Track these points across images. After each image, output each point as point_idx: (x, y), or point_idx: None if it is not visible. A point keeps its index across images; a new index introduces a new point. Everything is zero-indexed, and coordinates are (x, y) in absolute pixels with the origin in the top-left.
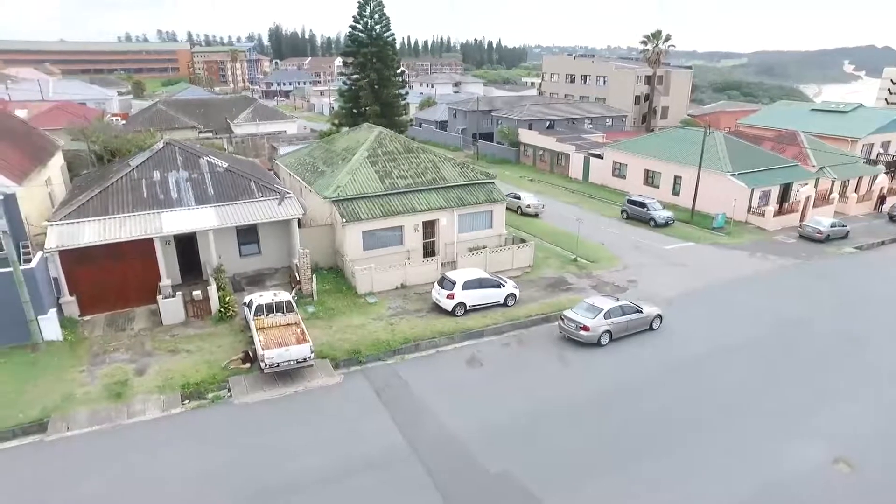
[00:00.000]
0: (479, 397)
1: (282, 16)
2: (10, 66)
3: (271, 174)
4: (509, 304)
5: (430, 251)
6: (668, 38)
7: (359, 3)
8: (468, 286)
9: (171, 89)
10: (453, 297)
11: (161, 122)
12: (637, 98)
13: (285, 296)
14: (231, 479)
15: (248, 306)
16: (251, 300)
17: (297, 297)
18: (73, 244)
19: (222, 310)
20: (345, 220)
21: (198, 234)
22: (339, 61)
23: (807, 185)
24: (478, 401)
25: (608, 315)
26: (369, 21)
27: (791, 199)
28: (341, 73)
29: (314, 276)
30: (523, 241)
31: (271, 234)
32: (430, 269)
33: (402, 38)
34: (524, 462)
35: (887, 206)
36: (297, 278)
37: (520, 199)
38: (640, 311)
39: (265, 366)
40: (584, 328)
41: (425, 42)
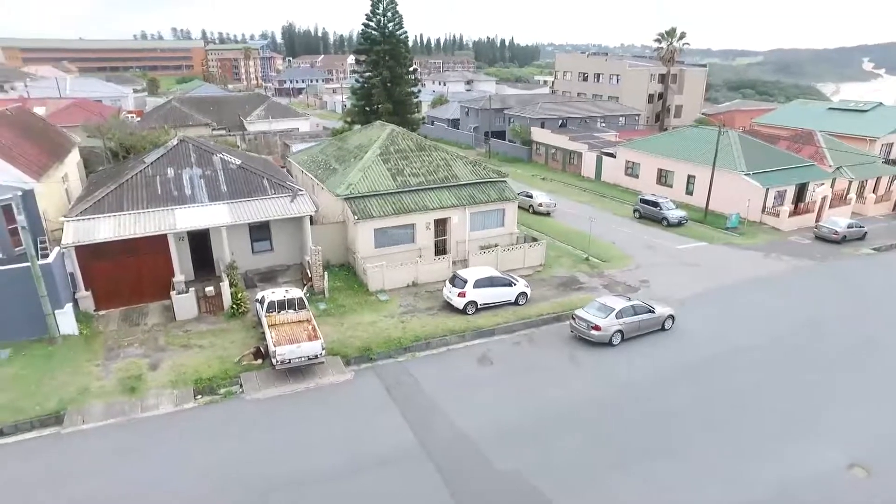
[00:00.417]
0: (490, 396)
1: (295, 14)
2: (30, 64)
3: (284, 171)
4: (520, 302)
5: (441, 249)
6: (682, 35)
7: (372, 1)
8: (479, 284)
9: (185, 87)
10: (464, 296)
11: (175, 120)
12: (650, 97)
13: (297, 293)
14: (242, 474)
15: (261, 303)
16: (263, 297)
17: (308, 294)
18: (89, 240)
19: (234, 306)
20: (357, 217)
21: (211, 231)
22: (351, 59)
23: (823, 185)
24: (488, 399)
25: (620, 315)
26: (382, 19)
27: (807, 200)
28: (354, 71)
29: (326, 273)
30: (535, 239)
31: (283, 232)
32: (442, 267)
33: (415, 35)
34: (534, 461)
35: None
36: (309, 275)
37: (532, 197)
38: (653, 311)
39: (277, 362)
40: (596, 328)
41: (437, 40)
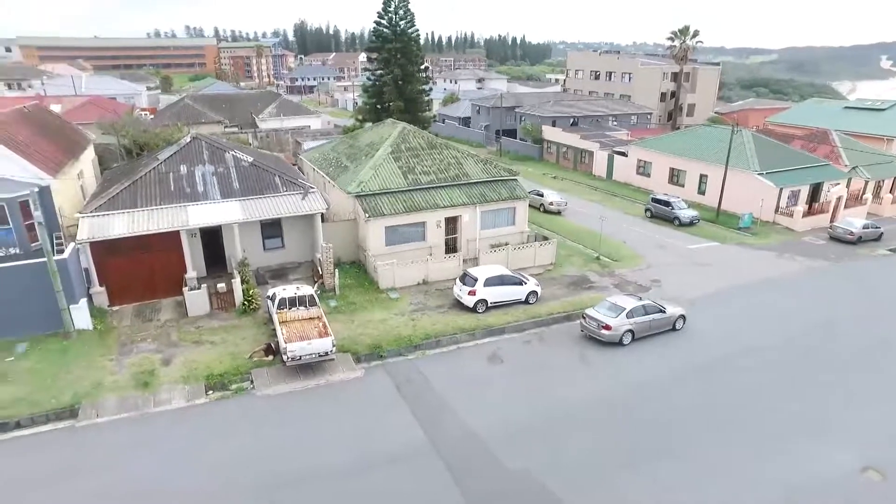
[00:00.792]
0: (500, 394)
1: (307, 11)
2: (46, 63)
3: (295, 169)
4: (531, 301)
5: (452, 247)
6: (695, 34)
7: None
8: (490, 283)
9: (197, 84)
10: (475, 294)
11: (188, 117)
12: (663, 95)
13: (308, 290)
14: (253, 470)
15: (272, 300)
16: (274, 293)
17: (319, 292)
18: (103, 236)
19: (246, 302)
20: (367, 215)
21: (223, 228)
22: (363, 57)
23: (838, 184)
24: (498, 398)
25: (631, 314)
26: (394, 17)
27: (821, 200)
28: (365, 69)
29: (336, 270)
30: (546, 238)
31: (295, 229)
32: (452, 266)
33: (426, 33)
34: (544, 460)
35: None
36: (320, 273)
37: (542, 196)
38: (664, 311)
39: (287, 359)
40: (607, 327)
41: (449, 38)
